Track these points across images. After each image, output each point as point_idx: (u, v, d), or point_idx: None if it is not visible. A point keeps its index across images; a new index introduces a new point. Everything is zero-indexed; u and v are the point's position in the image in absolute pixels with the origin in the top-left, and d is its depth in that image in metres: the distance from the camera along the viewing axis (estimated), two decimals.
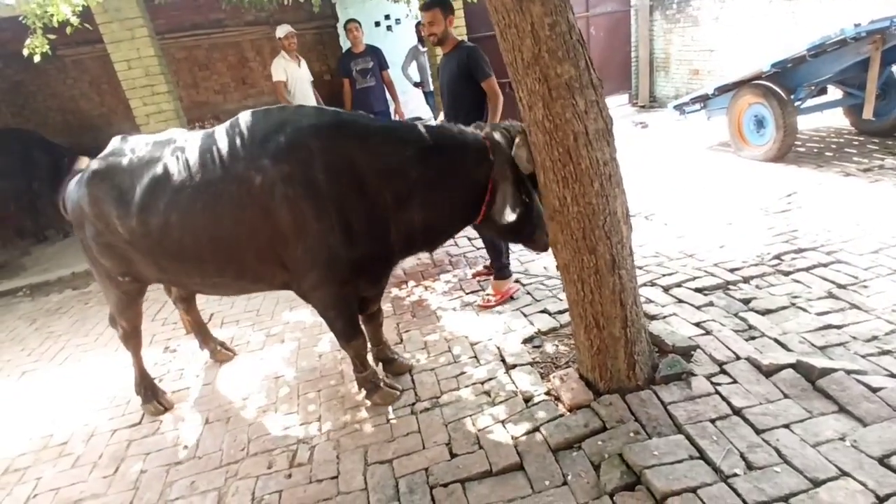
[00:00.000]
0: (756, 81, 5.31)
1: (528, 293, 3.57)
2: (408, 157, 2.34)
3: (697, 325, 2.78)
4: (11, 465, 2.78)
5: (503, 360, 2.85)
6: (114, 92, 8.47)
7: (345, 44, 8.93)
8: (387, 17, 8.58)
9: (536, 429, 2.29)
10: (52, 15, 3.90)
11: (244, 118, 2.40)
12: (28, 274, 5.97)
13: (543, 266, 3.94)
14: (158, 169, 2.42)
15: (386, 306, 3.76)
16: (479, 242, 4.63)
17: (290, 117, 2.35)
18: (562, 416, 2.33)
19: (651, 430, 2.16)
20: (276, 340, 3.57)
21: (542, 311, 3.26)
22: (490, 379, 2.73)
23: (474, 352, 3.00)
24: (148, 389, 3.07)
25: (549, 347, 2.91)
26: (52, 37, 4.09)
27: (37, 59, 4.14)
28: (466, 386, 2.72)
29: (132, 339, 3.05)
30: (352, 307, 2.61)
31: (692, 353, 2.54)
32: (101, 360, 3.74)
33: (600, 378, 2.38)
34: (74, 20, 3.91)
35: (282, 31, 5.63)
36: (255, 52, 8.85)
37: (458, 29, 6.00)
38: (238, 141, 2.32)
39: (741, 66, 6.92)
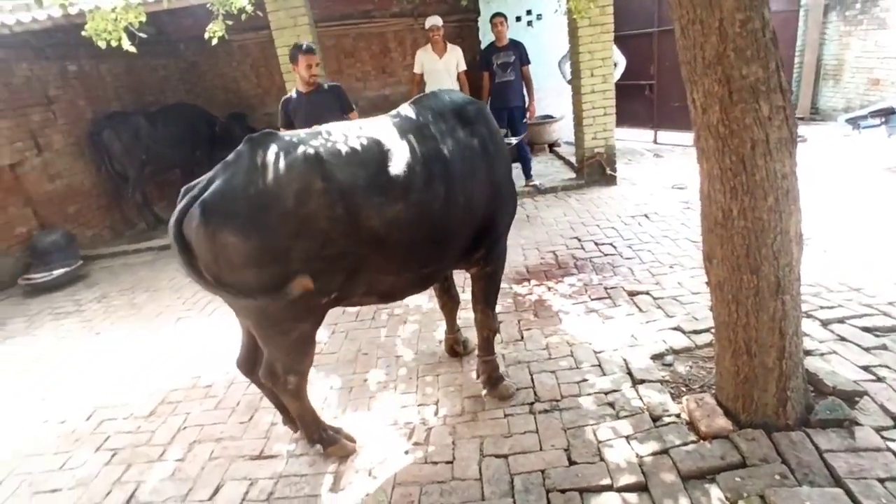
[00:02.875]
0: None
1: (660, 307, 3.36)
2: None
3: (865, 368, 2.44)
4: (166, 397, 3.16)
5: (630, 374, 2.71)
6: (269, 75, 9.28)
7: (484, 38, 9.05)
8: (528, 12, 8.50)
9: (665, 451, 2.15)
10: (231, 3, 4.34)
11: (429, 98, 2.52)
12: None
13: (678, 281, 3.69)
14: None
15: (506, 301, 3.75)
16: (607, 248, 4.46)
17: (460, 93, 2.75)
18: (694, 442, 2.17)
19: (801, 477, 1.93)
20: (398, 321, 3.70)
21: (675, 329, 3.05)
22: (614, 391, 2.61)
23: (598, 360, 2.89)
24: (326, 431, 2.48)
25: (682, 368, 2.71)
26: (229, 23, 4.55)
27: (214, 41, 4.62)
28: (588, 394, 2.63)
29: (304, 387, 2.37)
30: None
31: (857, 399, 2.23)
32: None
33: (743, 409, 2.17)
34: (249, 8, 4.31)
35: (429, 21, 5.79)
36: (398, 42, 9.22)
37: (605, 26, 5.77)
38: (441, 114, 2.41)
39: None
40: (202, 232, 1.87)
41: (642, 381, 2.62)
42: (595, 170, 6.37)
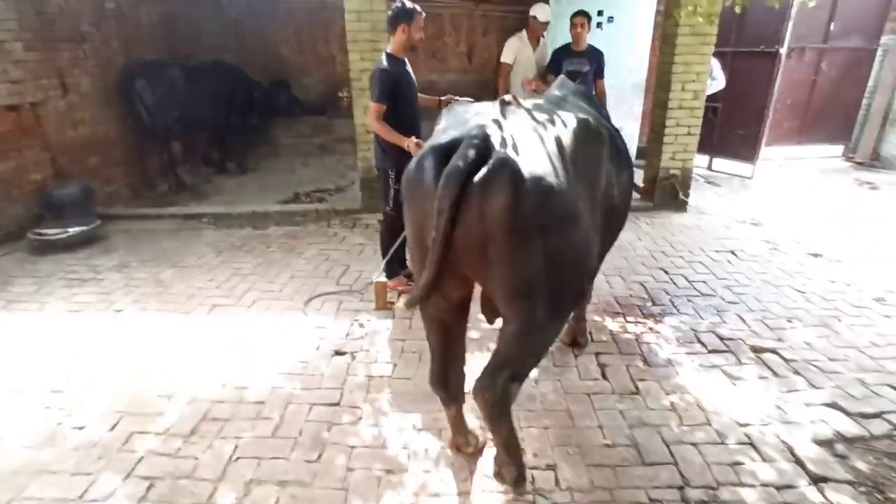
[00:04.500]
0: None
1: (798, 373, 2.85)
2: None
3: None
4: (209, 411, 2.60)
5: (801, 465, 2.20)
6: (312, 44, 8.67)
7: (548, 36, 8.48)
8: (599, 13, 7.91)
9: None
10: None
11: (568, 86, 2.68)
12: (211, 202, 6.15)
13: (804, 340, 3.19)
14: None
15: (602, 337, 3.24)
16: (702, 286, 3.96)
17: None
18: None
19: None
20: (475, 347, 3.14)
21: (832, 407, 2.55)
22: (788, 487, 2.10)
23: (748, 438, 2.37)
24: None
25: (861, 463, 2.21)
26: None
27: None
28: (751, 485, 2.11)
29: None
30: None
31: None
32: (289, 315, 3.54)
33: None
34: None
35: (542, 14, 5.22)
36: (453, 27, 8.65)
37: (707, 37, 5.24)
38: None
39: None
40: (519, 190, 1.61)
41: (824, 480, 2.11)
42: (667, 193, 5.85)
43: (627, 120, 7.76)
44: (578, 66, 5.17)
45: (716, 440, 2.37)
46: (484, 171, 1.61)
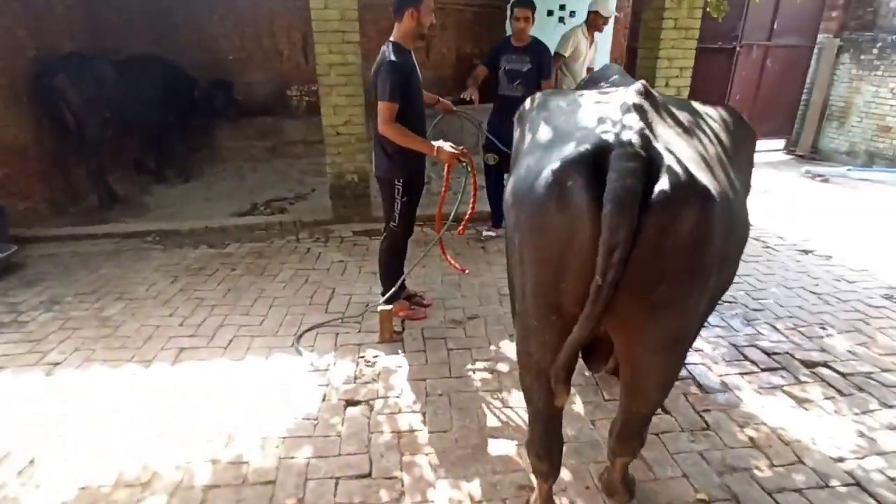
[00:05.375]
0: None
1: (864, 390, 2.64)
2: None
3: None
4: (205, 501, 2.02)
5: None
6: (256, 37, 7.92)
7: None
8: (562, 6, 7.70)
9: None
10: None
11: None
12: (154, 217, 5.35)
13: (848, 349, 3.01)
14: None
15: None
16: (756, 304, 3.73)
17: None
18: None
19: None
20: (514, 383, 2.73)
21: None
22: None
23: (854, 478, 2.10)
24: None
25: None
26: None
27: None
28: None
29: None
30: None
31: None
32: (278, 356, 2.96)
33: None
34: None
35: (604, 7, 4.91)
36: None
37: (690, 31, 5.09)
38: None
39: None
40: (710, 217, 1.28)
41: None
42: None
43: None
44: (518, 65, 4.38)
45: (819, 483, 2.08)
46: (662, 192, 1.21)
